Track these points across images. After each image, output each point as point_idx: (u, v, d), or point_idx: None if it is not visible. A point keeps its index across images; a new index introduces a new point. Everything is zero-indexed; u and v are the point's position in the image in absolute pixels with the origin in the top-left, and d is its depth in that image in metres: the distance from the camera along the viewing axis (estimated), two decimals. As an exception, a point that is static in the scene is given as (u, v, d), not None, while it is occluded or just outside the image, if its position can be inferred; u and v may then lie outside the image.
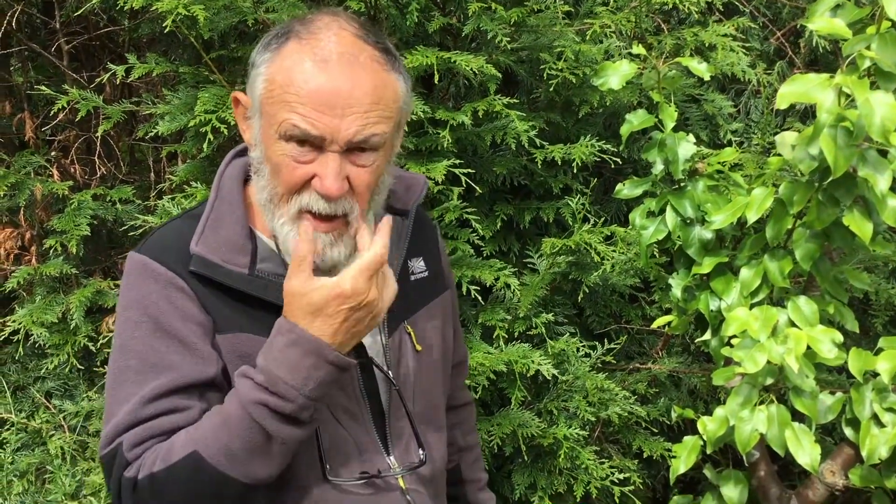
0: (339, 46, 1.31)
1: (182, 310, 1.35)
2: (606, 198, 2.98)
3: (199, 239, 1.38)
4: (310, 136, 1.29)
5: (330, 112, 1.28)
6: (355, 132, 1.30)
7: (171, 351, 1.33)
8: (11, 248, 2.93)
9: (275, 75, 1.32)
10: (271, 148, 1.33)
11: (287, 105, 1.29)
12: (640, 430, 2.69)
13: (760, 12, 3.30)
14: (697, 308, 1.99)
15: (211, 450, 1.26)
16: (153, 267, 1.37)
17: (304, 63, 1.30)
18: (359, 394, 1.45)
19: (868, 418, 1.83)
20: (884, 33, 1.65)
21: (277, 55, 1.33)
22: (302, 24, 1.35)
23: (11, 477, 2.75)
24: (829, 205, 1.77)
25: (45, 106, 3.12)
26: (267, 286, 1.38)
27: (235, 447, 1.26)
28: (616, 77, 1.94)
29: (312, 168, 1.32)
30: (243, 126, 1.42)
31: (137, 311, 1.36)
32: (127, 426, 1.31)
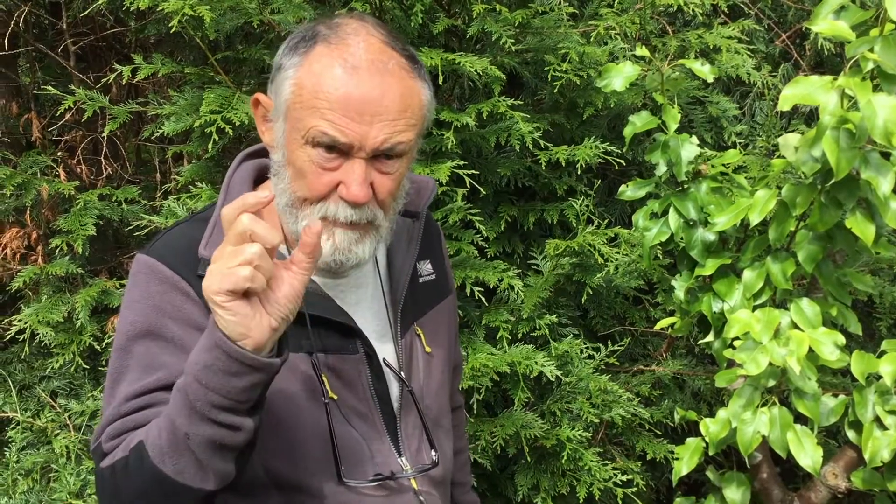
0: (368, 53, 1.30)
1: (183, 314, 1.35)
2: (610, 199, 2.98)
3: (208, 242, 1.37)
4: (338, 143, 1.28)
5: (359, 119, 1.28)
6: (383, 140, 1.30)
7: (166, 353, 1.33)
8: (18, 247, 2.94)
9: (304, 80, 1.30)
10: (296, 153, 1.32)
11: (316, 111, 1.28)
12: (643, 432, 2.69)
13: (766, 14, 3.30)
14: (700, 310, 1.99)
15: (150, 441, 1.23)
16: (159, 269, 1.36)
17: (335, 69, 1.28)
18: (369, 395, 1.45)
19: (870, 421, 1.82)
20: (887, 36, 1.65)
21: (306, 59, 1.31)
22: (329, 29, 1.34)
23: (16, 475, 2.76)
24: (831, 207, 1.77)
25: (51, 106, 3.14)
26: None
27: (163, 438, 1.21)
28: (620, 79, 1.94)
29: (338, 175, 1.31)
30: (262, 127, 1.41)
31: (139, 313, 1.36)
32: (110, 421, 1.32)
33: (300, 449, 1.38)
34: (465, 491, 1.83)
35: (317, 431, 1.39)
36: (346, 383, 1.43)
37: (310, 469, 1.38)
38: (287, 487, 1.37)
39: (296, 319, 1.28)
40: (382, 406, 1.47)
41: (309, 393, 1.39)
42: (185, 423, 1.19)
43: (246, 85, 2.69)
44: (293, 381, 1.38)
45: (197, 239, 1.39)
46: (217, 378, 1.17)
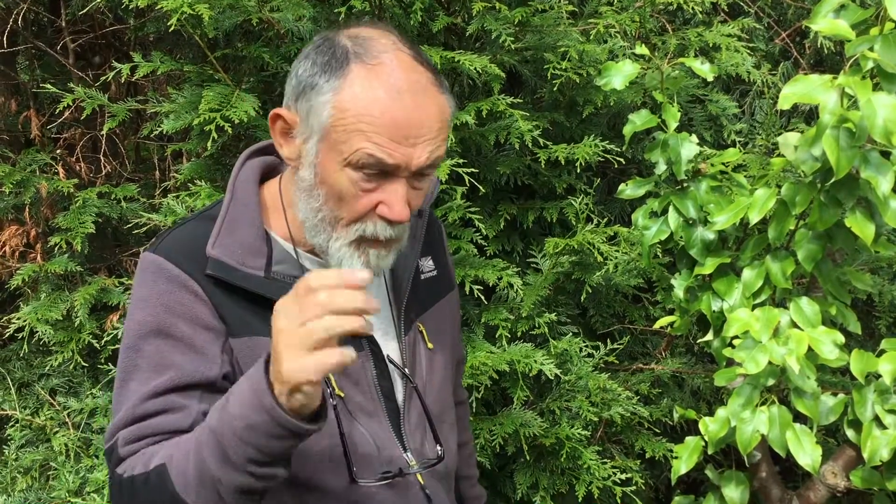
0: (404, 72, 1.30)
1: (192, 313, 1.34)
2: (610, 198, 2.98)
3: (216, 241, 1.38)
4: (385, 165, 1.29)
5: (405, 142, 1.29)
6: (426, 159, 1.31)
7: (176, 351, 1.33)
8: (17, 245, 2.94)
9: (345, 104, 1.29)
10: (334, 175, 1.31)
11: (362, 134, 1.28)
12: (642, 430, 2.69)
13: (765, 13, 3.30)
14: (699, 308, 1.99)
15: (175, 468, 1.24)
16: (167, 268, 1.36)
17: (378, 92, 1.28)
18: (374, 392, 1.46)
19: (870, 420, 1.82)
20: (887, 34, 1.65)
21: (345, 81, 1.29)
22: (358, 45, 1.32)
23: (15, 473, 2.76)
24: (831, 206, 1.77)
25: (50, 104, 3.13)
26: (283, 288, 1.35)
27: (189, 472, 1.22)
28: (619, 77, 1.94)
29: (377, 195, 1.32)
30: (281, 141, 1.39)
31: (148, 311, 1.35)
32: (125, 423, 1.32)
33: (311, 449, 1.37)
34: (471, 484, 1.84)
35: (326, 431, 1.39)
36: (352, 381, 1.43)
37: (320, 468, 1.39)
38: (298, 487, 1.38)
39: None
40: (387, 403, 1.48)
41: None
42: (217, 469, 1.20)
43: (245, 83, 2.69)
44: None
45: (204, 237, 1.38)
46: (260, 439, 1.17)
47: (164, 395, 1.31)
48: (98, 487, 2.55)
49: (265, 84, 2.71)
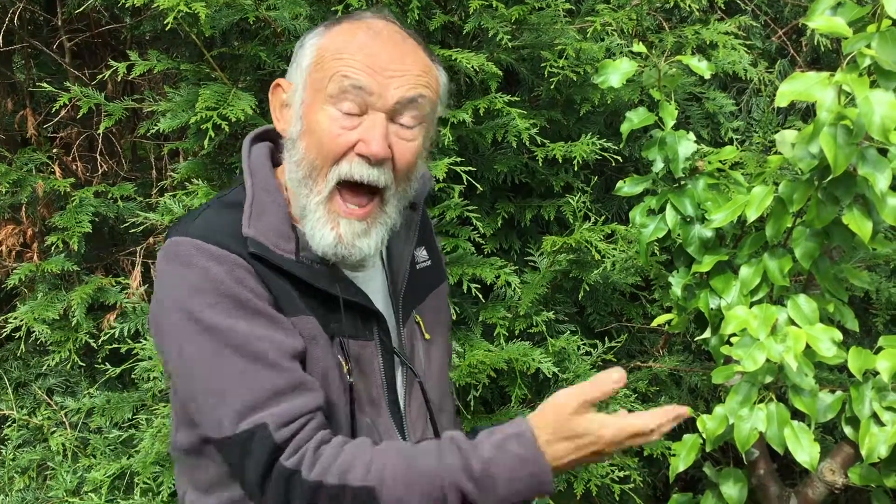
0: (387, 28, 1.38)
1: (253, 289, 1.31)
2: (607, 196, 2.98)
3: (249, 223, 1.36)
4: (360, 85, 1.31)
5: (381, 73, 1.32)
6: (403, 93, 1.33)
7: (261, 325, 1.29)
8: (13, 244, 2.93)
9: (325, 45, 1.36)
10: (315, 116, 1.34)
11: (339, 61, 1.33)
12: (640, 428, 2.68)
13: (762, 10, 3.30)
14: (697, 306, 1.99)
15: (385, 494, 1.22)
16: (212, 249, 1.32)
17: (358, 34, 1.35)
18: (380, 382, 1.47)
19: (868, 417, 1.82)
20: (884, 31, 1.64)
21: (328, 31, 1.38)
22: (349, 15, 1.42)
23: (13, 473, 2.76)
24: (828, 203, 1.77)
25: (47, 103, 3.13)
26: (313, 272, 1.38)
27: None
28: (616, 75, 1.94)
29: (356, 134, 1.32)
30: (277, 114, 1.43)
31: (208, 294, 1.29)
32: (255, 405, 1.26)
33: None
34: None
35: (340, 418, 1.39)
36: (362, 369, 1.44)
37: None
38: None
39: (326, 302, 1.35)
40: (389, 393, 1.49)
41: (336, 380, 1.39)
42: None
43: (242, 81, 2.68)
44: (323, 368, 1.38)
45: (231, 222, 1.36)
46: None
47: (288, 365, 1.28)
48: (95, 487, 2.54)
49: (262, 82, 2.70)
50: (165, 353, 1.35)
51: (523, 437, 1.24)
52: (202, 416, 1.31)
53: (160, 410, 2.48)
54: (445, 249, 2.55)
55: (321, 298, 1.37)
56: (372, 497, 1.22)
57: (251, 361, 1.27)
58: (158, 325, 1.35)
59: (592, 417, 1.25)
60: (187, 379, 1.32)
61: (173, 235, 1.36)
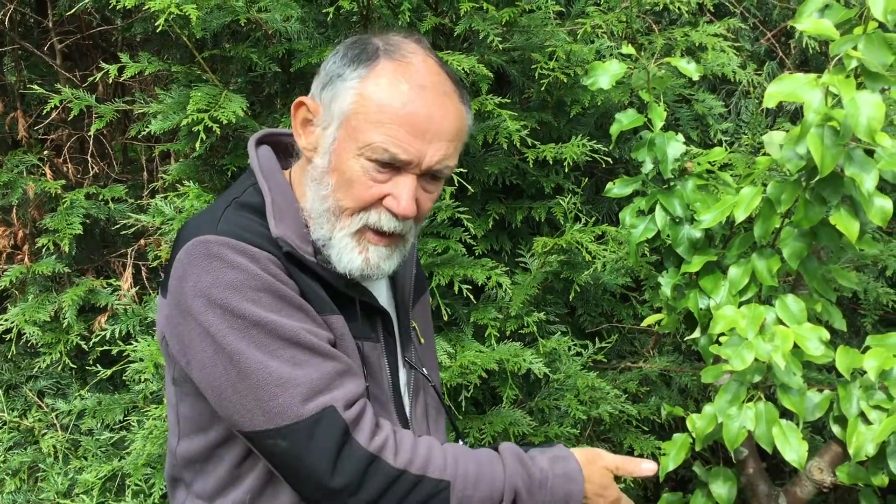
0: (430, 74, 1.35)
1: (290, 285, 1.34)
2: (598, 197, 3.00)
3: (275, 224, 1.37)
4: (398, 160, 1.32)
5: (421, 138, 1.32)
6: (438, 160, 1.34)
7: (304, 319, 1.32)
8: (4, 246, 2.93)
9: (370, 93, 1.33)
10: (347, 162, 1.34)
11: (381, 126, 1.31)
12: (630, 428, 2.70)
13: (751, 13, 3.32)
14: (687, 306, 2.00)
15: (460, 493, 1.32)
16: (246, 248, 1.32)
17: (402, 85, 1.32)
18: (387, 384, 1.49)
19: (855, 416, 1.83)
20: (870, 34, 1.66)
21: (371, 71, 1.34)
22: (388, 45, 1.37)
23: (4, 475, 2.75)
24: (816, 204, 1.78)
25: (37, 105, 3.13)
26: (334, 276, 1.40)
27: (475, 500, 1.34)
28: (606, 77, 1.95)
29: (387, 188, 1.34)
30: (300, 130, 1.41)
31: (249, 291, 1.29)
32: (324, 385, 1.29)
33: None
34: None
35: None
36: (371, 371, 1.45)
37: None
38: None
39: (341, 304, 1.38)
40: (395, 396, 1.51)
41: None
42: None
43: (233, 83, 2.69)
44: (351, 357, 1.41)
45: (255, 222, 1.37)
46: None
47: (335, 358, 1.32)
48: (87, 489, 2.54)
49: (253, 84, 2.71)
50: (194, 354, 1.32)
51: (569, 459, 1.45)
52: (253, 409, 1.29)
53: (151, 412, 2.48)
54: (436, 251, 2.56)
55: (341, 300, 1.40)
56: (447, 490, 1.31)
57: (303, 351, 1.30)
58: (184, 326, 1.33)
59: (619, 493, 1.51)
60: (232, 375, 1.29)
61: (199, 234, 1.34)
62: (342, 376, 1.31)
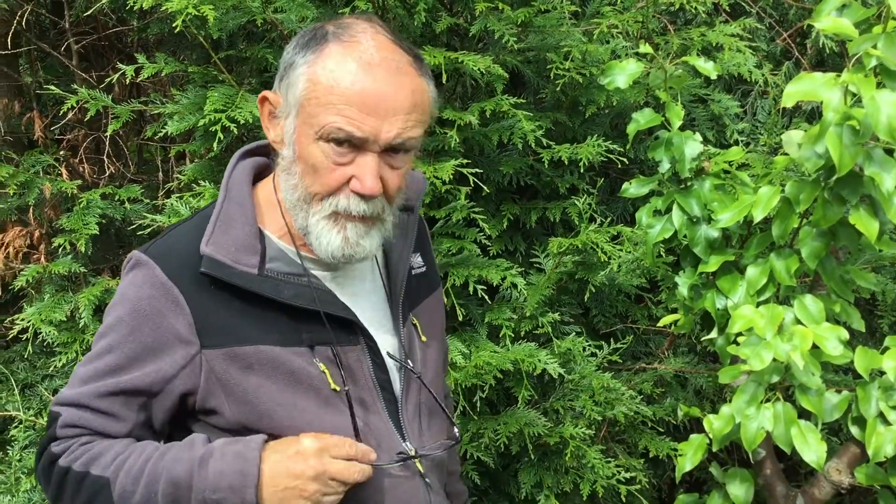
0: (380, 51, 1.35)
1: (167, 322, 1.38)
2: (613, 198, 2.99)
3: (210, 239, 1.40)
4: (353, 137, 1.33)
5: (374, 115, 1.32)
6: (396, 135, 1.34)
7: (138, 354, 1.38)
8: (20, 246, 2.94)
9: (318, 76, 1.34)
10: (308, 147, 1.36)
11: (332, 107, 1.32)
12: (645, 429, 2.69)
13: (767, 13, 3.31)
14: (704, 306, 1.99)
15: (118, 487, 1.33)
16: (155, 273, 1.39)
17: (349, 64, 1.33)
18: (372, 385, 1.48)
19: (874, 416, 1.83)
20: (890, 32, 1.65)
21: (319, 56, 1.35)
22: (339, 28, 1.38)
23: (19, 474, 2.76)
24: (835, 203, 1.78)
25: (54, 105, 3.14)
26: (278, 286, 1.41)
27: (134, 500, 1.32)
28: (623, 76, 1.95)
29: (350, 169, 1.36)
30: (267, 124, 1.44)
31: (125, 309, 1.40)
32: (73, 402, 1.39)
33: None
34: (455, 480, 1.86)
35: (325, 425, 1.41)
36: (349, 374, 1.45)
37: None
38: None
39: (297, 313, 1.38)
40: (385, 395, 1.50)
41: (314, 388, 1.42)
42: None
43: (248, 84, 2.69)
44: (296, 377, 1.40)
45: (197, 238, 1.40)
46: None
47: (112, 397, 1.37)
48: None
49: (268, 85, 2.71)
50: None
51: (251, 442, 1.35)
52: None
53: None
54: (451, 251, 2.56)
55: (290, 311, 1.41)
56: (105, 484, 1.34)
57: (100, 375, 1.39)
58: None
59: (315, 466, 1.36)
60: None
61: (140, 249, 1.44)
62: (99, 411, 1.38)
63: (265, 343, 1.39)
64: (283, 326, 1.41)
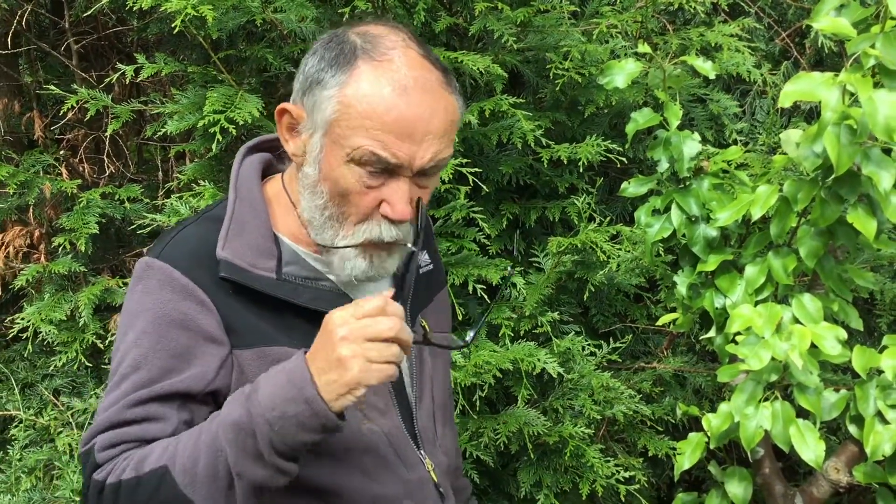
0: (412, 70, 1.30)
1: (196, 324, 1.33)
2: (612, 197, 2.99)
3: (225, 243, 1.36)
4: (387, 164, 1.29)
5: (409, 140, 1.28)
6: (430, 159, 1.31)
7: (171, 362, 1.32)
8: (20, 246, 2.94)
9: (350, 100, 1.28)
10: (338, 170, 1.31)
11: (366, 131, 1.28)
12: (645, 428, 2.70)
13: (766, 13, 3.31)
14: (702, 305, 2.00)
15: (178, 467, 1.24)
16: (174, 276, 1.33)
17: (384, 89, 1.28)
18: (387, 391, 1.46)
19: (872, 415, 1.83)
20: (888, 32, 1.66)
21: (351, 77, 1.29)
22: (366, 41, 1.32)
23: (20, 473, 2.76)
24: (832, 203, 1.78)
25: (53, 105, 3.14)
26: (297, 290, 1.38)
27: (199, 469, 1.23)
28: (622, 76, 1.95)
29: (381, 193, 1.32)
30: (286, 136, 1.39)
31: (146, 320, 1.33)
32: (104, 427, 1.31)
33: (329, 450, 1.38)
34: (458, 475, 1.84)
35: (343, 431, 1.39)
36: None
37: (338, 469, 1.39)
38: (316, 489, 1.38)
39: (314, 317, 1.32)
40: (399, 400, 1.48)
41: None
42: (237, 461, 1.22)
43: (247, 84, 2.70)
44: None
45: (210, 240, 1.36)
46: (291, 430, 1.21)
47: (146, 404, 1.30)
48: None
49: (268, 85, 2.72)
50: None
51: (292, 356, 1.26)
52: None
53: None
54: (451, 250, 2.56)
55: (308, 315, 1.37)
56: (163, 473, 1.24)
57: (127, 392, 1.32)
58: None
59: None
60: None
61: (150, 254, 1.38)
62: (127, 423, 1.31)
63: (291, 345, 1.34)
64: (302, 330, 1.36)
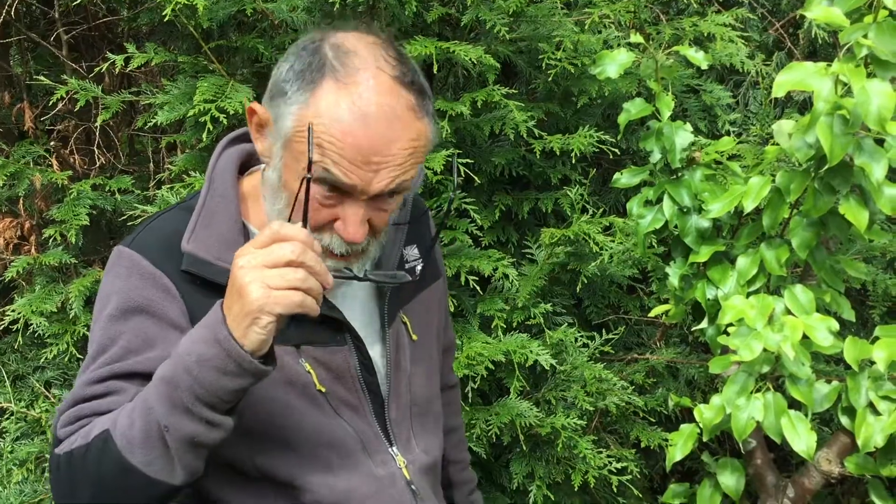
0: (377, 95, 1.25)
1: (161, 311, 1.33)
2: (605, 188, 2.99)
3: (191, 236, 1.36)
4: (341, 184, 1.27)
5: (365, 167, 1.25)
6: (386, 185, 1.28)
7: (131, 342, 1.32)
8: (11, 237, 2.93)
9: (311, 120, 1.25)
10: (294, 183, 1.29)
11: (321, 150, 1.25)
12: (637, 420, 2.70)
13: (759, 3, 3.31)
14: (694, 297, 2.00)
15: (119, 430, 1.22)
16: (142, 264, 1.34)
17: (343, 114, 1.24)
18: (358, 386, 1.45)
19: (864, 406, 1.83)
20: (881, 22, 1.65)
21: (312, 97, 1.26)
22: (337, 58, 1.28)
23: (11, 466, 2.75)
24: (825, 193, 1.78)
25: (44, 96, 3.12)
26: None
27: (135, 431, 1.21)
28: (614, 66, 1.94)
29: (336, 211, 1.30)
30: (256, 135, 1.38)
31: (114, 305, 1.34)
32: (67, 406, 1.31)
33: (293, 444, 1.38)
34: (461, 468, 1.83)
35: (308, 426, 1.39)
36: (335, 375, 1.42)
37: (303, 464, 1.38)
38: (280, 483, 1.37)
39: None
40: (372, 397, 1.47)
41: (300, 387, 1.39)
42: (164, 415, 1.19)
43: (239, 74, 2.68)
44: (282, 375, 1.37)
45: (180, 231, 1.36)
46: (210, 374, 1.17)
47: (106, 381, 1.30)
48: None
49: (259, 75, 2.70)
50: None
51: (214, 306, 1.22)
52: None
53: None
54: (443, 242, 2.55)
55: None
56: (108, 436, 1.22)
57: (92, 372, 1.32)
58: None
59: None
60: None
61: (122, 243, 1.39)
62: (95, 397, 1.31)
63: None
64: None
